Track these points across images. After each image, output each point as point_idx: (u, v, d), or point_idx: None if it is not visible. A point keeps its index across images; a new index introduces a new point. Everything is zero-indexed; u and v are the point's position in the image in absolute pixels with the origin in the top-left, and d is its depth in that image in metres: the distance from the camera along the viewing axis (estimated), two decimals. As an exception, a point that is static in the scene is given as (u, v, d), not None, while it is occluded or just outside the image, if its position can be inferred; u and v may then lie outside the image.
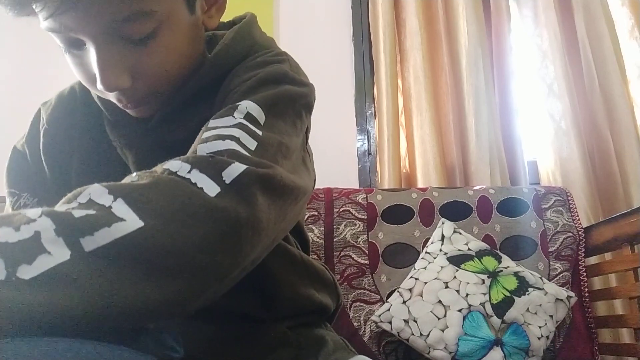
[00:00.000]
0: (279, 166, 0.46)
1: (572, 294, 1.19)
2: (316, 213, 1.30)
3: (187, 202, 0.37)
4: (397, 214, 1.32)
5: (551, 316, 1.13)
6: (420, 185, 1.65)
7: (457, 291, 1.13)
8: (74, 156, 0.60)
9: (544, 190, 1.38)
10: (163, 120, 0.56)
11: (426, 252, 1.25)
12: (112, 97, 0.53)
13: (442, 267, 1.18)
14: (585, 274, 1.30)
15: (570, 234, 1.31)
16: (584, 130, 1.68)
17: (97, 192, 0.36)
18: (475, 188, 1.39)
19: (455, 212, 1.32)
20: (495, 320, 1.09)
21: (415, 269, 1.23)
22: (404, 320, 1.12)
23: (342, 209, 1.31)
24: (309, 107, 0.57)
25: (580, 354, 1.21)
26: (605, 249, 1.33)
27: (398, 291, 1.19)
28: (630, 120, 1.65)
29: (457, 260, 1.19)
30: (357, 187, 1.66)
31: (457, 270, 1.17)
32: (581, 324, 1.25)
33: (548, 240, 1.30)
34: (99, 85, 0.50)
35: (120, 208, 0.35)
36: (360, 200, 1.33)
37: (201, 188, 0.39)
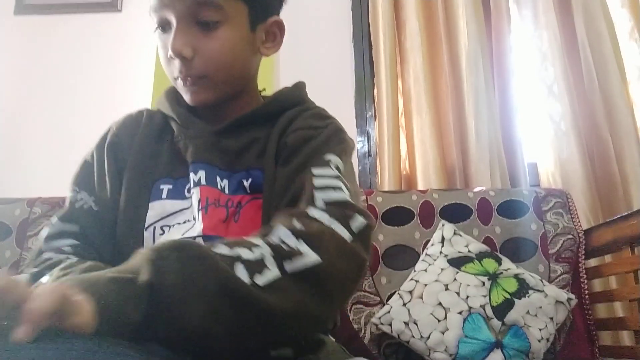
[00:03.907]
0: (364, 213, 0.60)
1: (572, 296, 1.19)
2: (316, 215, 1.29)
3: (339, 246, 0.53)
4: (397, 216, 1.32)
5: (551, 318, 1.13)
6: (420, 187, 1.65)
7: (458, 293, 1.13)
8: (133, 147, 0.74)
9: (544, 192, 1.38)
10: (224, 130, 0.71)
11: (426, 254, 1.25)
12: (176, 66, 0.67)
13: (442, 269, 1.18)
14: (585, 276, 1.29)
15: (570, 236, 1.31)
16: (583, 131, 1.68)
17: (285, 234, 0.52)
18: (476, 190, 1.39)
19: (456, 214, 1.32)
20: (496, 323, 1.08)
21: (415, 271, 1.23)
22: (404, 322, 1.11)
23: (342, 211, 1.30)
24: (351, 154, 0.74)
25: (580, 356, 1.21)
26: (605, 251, 1.32)
27: (398, 293, 1.19)
28: (630, 122, 1.65)
29: (458, 262, 1.19)
30: (357, 188, 1.66)
31: (457, 273, 1.17)
32: (581, 326, 1.24)
33: (548, 242, 1.30)
34: (170, 51, 0.65)
35: (303, 246, 0.51)
36: (360, 202, 1.33)
37: (341, 235, 0.54)
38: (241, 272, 0.46)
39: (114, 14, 1.99)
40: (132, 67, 1.91)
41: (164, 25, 0.68)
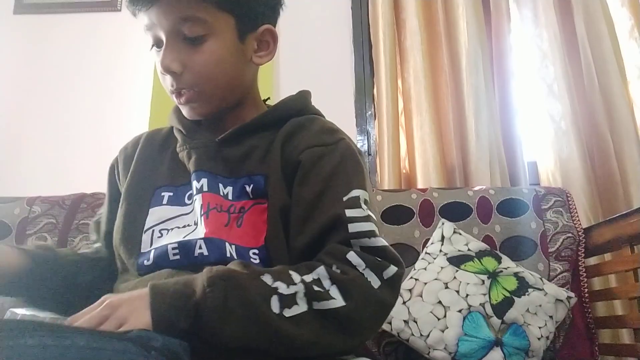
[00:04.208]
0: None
1: (572, 294, 1.19)
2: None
3: (367, 293, 0.59)
4: (397, 215, 1.32)
5: (551, 317, 1.13)
6: (420, 185, 1.65)
7: (457, 292, 1.13)
8: (135, 160, 0.79)
9: (543, 191, 1.38)
10: (226, 139, 0.73)
11: (426, 253, 1.25)
12: (168, 81, 0.70)
13: (442, 267, 1.18)
14: (585, 274, 1.30)
15: (570, 235, 1.31)
16: (583, 130, 1.68)
17: (324, 276, 0.59)
18: (475, 189, 1.39)
19: (455, 212, 1.32)
20: (495, 321, 1.09)
21: (415, 269, 1.23)
22: (404, 320, 1.12)
23: (342, 210, 1.31)
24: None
25: (580, 355, 1.21)
26: (605, 250, 1.33)
27: (398, 292, 1.19)
28: (630, 121, 1.65)
29: (457, 260, 1.19)
30: (357, 187, 1.66)
31: (457, 271, 1.17)
32: (581, 324, 1.25)
33: (548, 240, 1.30)
34: (159, 65, 0.68)
35: (334, 291, 0.58)
36: (360, 201, 1.33)
37: (370, 282, 0.60)
38: (274, 304, 0.54)
39: (114, 13, 1.99)
40: (131, 66, 1.90)
41: (157, 43, 0.70)
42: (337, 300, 0.57)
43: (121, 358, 0.39)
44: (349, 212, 0.64)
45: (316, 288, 0.57)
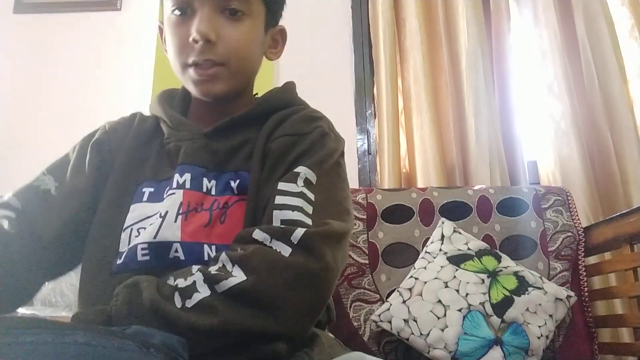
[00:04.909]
0: (331, 220, 0.60)
1: (571, 293, 1.19)
2: (316, 213, 1.30)
3: (271, 262, 0.55)
4: (397, 214, 1.32)
5: (551, 316, 1.13)
6: (420, 185, 1.65)
7: (457, 291, 1.13)
8: (121, 150, 0.75)
9: (543, 190, 1.38)
10: (215, 131, 0.71)
11: (426, 252, 1.25)
12: (196, 51, 0.68)
13: (442, 266, 1.18)
14: (584, 273, 1.30)
15: (569, 234, 1.31)
16: (583, 130, 1.68)
17: (226, 260, 0.56)
18: (475, 188, 1.39)
19: (455, 211, 1.32)
20: (495, 320, 1.09)
21: (415, 268, 1.23)
22: (404, 319, 1.12)
23: (342, 209, 1.31)
24: (343, 154, 0.73)
25: (579, 354, 1.21)
26: (604, 249, 1.33)
27: (398, 291, 1.19)
28: (630, 120, 1.65)
29: (457, 259, 1.20)
30: (357, 186, 1.66)
31: (456, 270, 1.17)
32: (581, 323, 1.25)
33: (548, 239, 1.31)
34: (194, 33, 0.66)
35: (236, 270, 0.54)
36: (360, 200, 1.33)
37: (279, 252, 0.56)
38: (177, 300, 0.53)
39: (114, 13, 1.99)
40: (131, 66, 1.91)
41: (184, 8, 0.69)
42: (238, 277, 0.53)
43: (120, 355, 0.39)
44: (281, 185, 0.63)
45: (215, 272, 0.54)
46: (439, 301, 1.12)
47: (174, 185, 0.67)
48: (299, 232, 0.56)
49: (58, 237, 0.68)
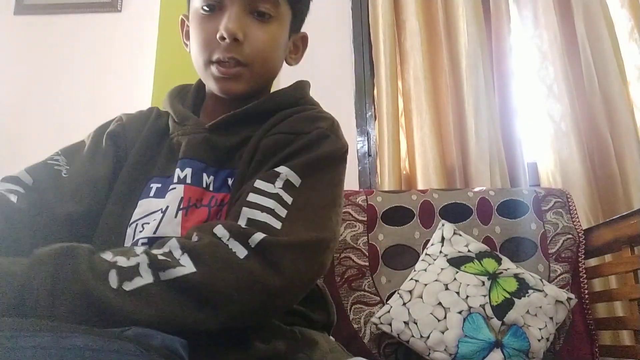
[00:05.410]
0: (302, 229, 0.57)
1: (572, 295, 1.19)
2: (316, 214, 1.29)
3: (225, 260, 0.52)
4: (397, 216, 1.32)
5: (551, 318, 1.12)
6: (420, 186, 1.65)
7: (457, 293, 1.13)
8: (136, 144, 0.75)
9: (544, 192, 1.38)
10: (217, 127, 0.71)
11: (426, 254, 1.25)
12: (221, 48, 0.68)
13: (442, 268, 1.18)
14: (585, 275, 1.29)
15: (570, 236, 1.31)
16: (583, 131, 1.68)
17: (174, 246, 0.52)
18: (475, 190, 1.39)
19: (455, 213, 1.32)
20: (495, 322, 1.08)
21: (415, 270, 1.22)
22: (404, 322, 1.11)
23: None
24: (342, 158, 0.69)
25: (580, 356, 1.21)
26: (605, 251, 1.32)
27: (398, 293, 1.19)
28: (630, 122, 1.65)
29: (457, 262, 1.19)
30: (357, 188, 1.66)
31: (457, 272, 1.17)
32: (581, 325, 1.24)
33: (548, 242, 1.30)
34: (222, 30, 0.67)
35: (184, 259, 0.51)
36: (360, 202, 1.33)
37: (235, 252, 0.53)
38: (112, 279, 0.48)
39: (114, 14, 1.99)
40: (131, 67, 1.91)
41: (213, 6, 0.69)
42: (187, 267, 0.50)
43: (120, 359, 0.39)
44: (258, 183, 0.60)
45: (162, 257, 0.51)
46: (439, 303, 1.12)
47: (175, 180, 0.68)
48: (258, 236, 0.54)
49: (69, 220, 0.67)
